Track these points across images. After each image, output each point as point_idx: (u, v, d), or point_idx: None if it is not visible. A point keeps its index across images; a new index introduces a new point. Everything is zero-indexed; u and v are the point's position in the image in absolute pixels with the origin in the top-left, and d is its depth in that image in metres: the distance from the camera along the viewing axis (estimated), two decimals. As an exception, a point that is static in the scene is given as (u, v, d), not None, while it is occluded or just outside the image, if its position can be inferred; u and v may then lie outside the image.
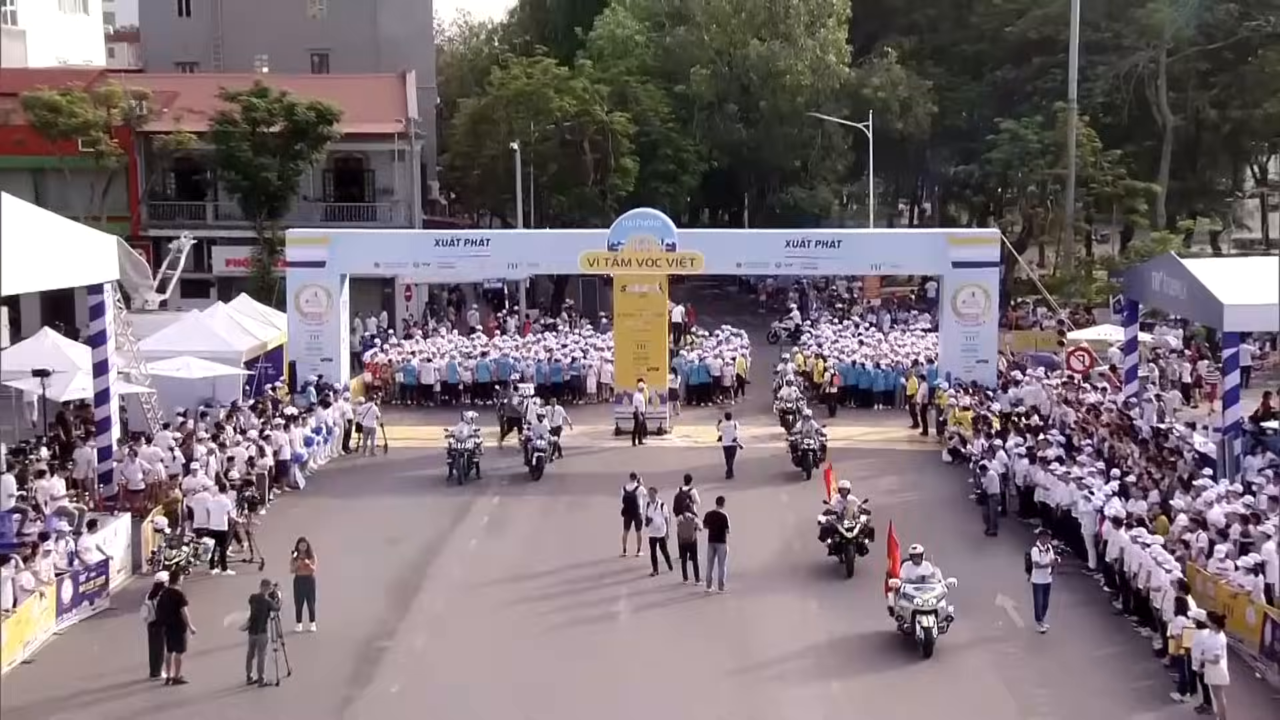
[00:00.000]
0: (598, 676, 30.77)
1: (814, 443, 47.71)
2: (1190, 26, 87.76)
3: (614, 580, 36.07)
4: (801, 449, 47.73)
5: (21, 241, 38.16)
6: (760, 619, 33.80)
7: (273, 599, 30.24)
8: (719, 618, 33.86)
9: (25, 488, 39.21)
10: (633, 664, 31.45)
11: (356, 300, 63.69)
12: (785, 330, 77.31)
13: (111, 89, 76.87)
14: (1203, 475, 40.20)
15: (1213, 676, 27.57)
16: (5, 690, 29.84)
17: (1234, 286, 43.75)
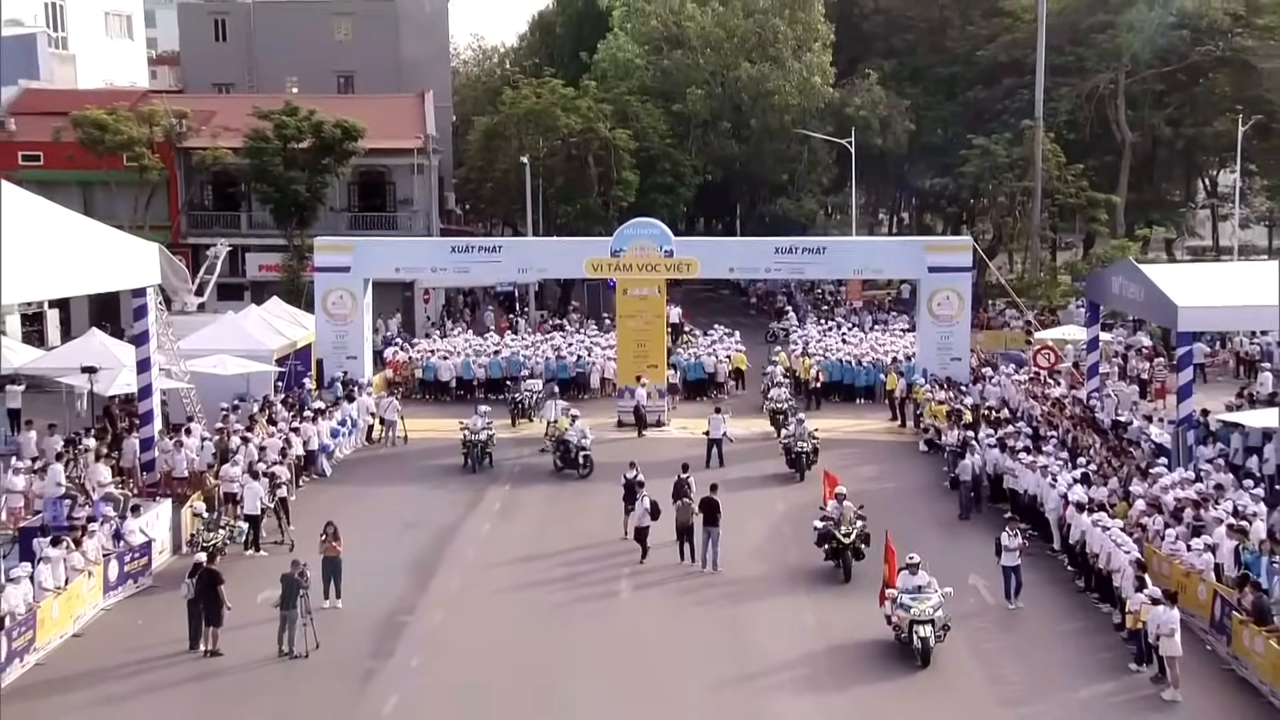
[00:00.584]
0: (601, 650, 30.79)
1: (806, 445, 45.83)
2: (1147, 51, 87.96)
3: (616, 561, 36.01)
4: (795, 451, 45.86)
5: (71, 249, 38.24)
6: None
7: (302, 578, 30.32)
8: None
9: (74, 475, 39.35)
10: (633, 639, 31.46)
11: (378, 303, 63.68)
12: (783, 330, 77.34)
13: (154, 108, 77.12)
14: (1158, 464, 40.34)
15: (1167, 648, 27.65)
16: (57, 661, 30.04)
17: (1187, 290, 43.84)
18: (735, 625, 31.85)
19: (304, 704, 27.60)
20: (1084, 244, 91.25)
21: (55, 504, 36.94)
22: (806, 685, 28.51)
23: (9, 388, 52.23)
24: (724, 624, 31.90)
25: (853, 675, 28.73)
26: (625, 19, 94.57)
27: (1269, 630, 28.22)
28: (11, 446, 47.53)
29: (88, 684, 28.81)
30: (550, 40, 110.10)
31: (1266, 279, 49.89)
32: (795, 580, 35.12)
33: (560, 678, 29.00)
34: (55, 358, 52.64)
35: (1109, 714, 27.07)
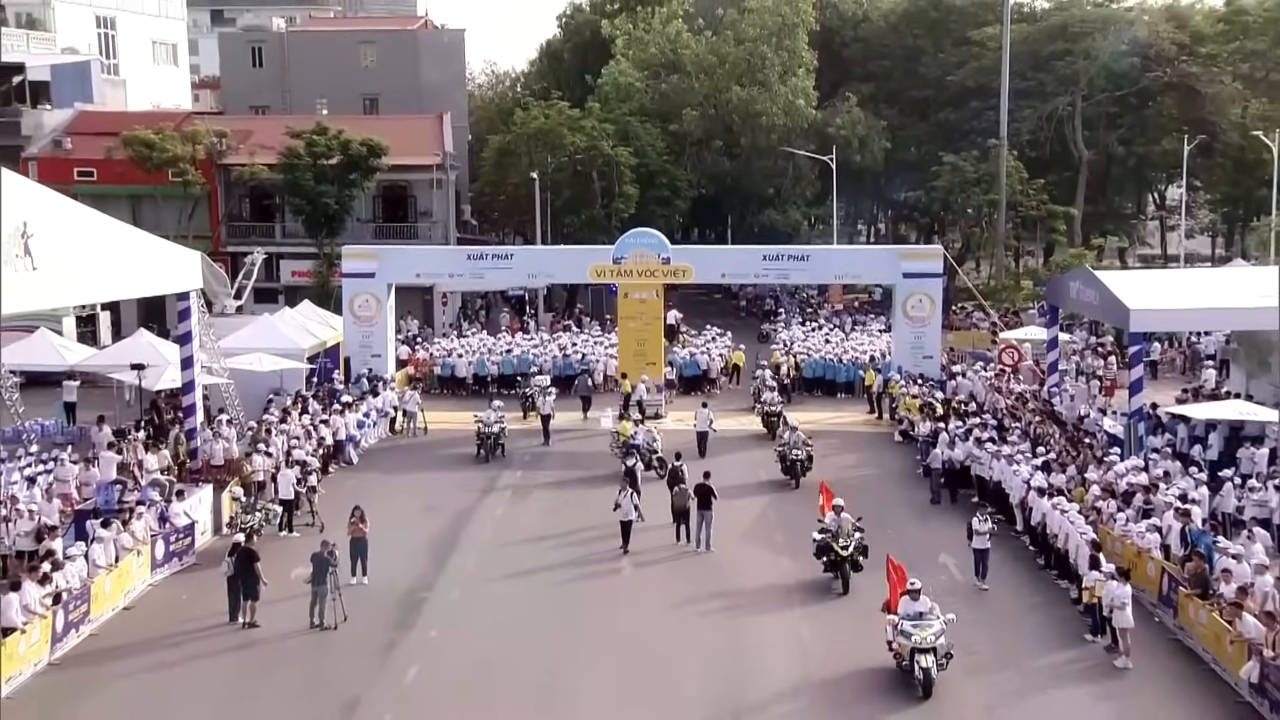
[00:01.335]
0: (604, 622, 30.89)
1: (801, 453, 43.06)
2: (1101, 77, 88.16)
3: (618, 542, 35.88)
4: (790, 459, 43.05)
5: (122, 257, 38.27)
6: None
7: (331, 556, 30.40)
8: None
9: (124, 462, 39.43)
10: (634, 611, 31.55)
11: (401, 305, 63.71)
12: (773, 330, 77.38)
13: (196, 128, 77.19)
14: (1112, 453, 40.41)
15: (1119, 620, 27.74)
16: (109, 631, 30.12)
17: (1139, 294, 43.98)
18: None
19: (332, 671, 27.62)
20: (1044, 252, 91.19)
21: (107, 489, 37.06)
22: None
23: (65, 383, 52.34)
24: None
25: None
26: (626, 47, 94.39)
27: (1208, 600, 28.35)
28: (69, 435, 47.70)
29: (137, 652, 28.90)
30: (557, 66, 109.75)
31: (1210, 284, 50.31)
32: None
33: (566, 650, 29.02)
34: (107, 356, 52.71)
35: (1066, 681, 27.09)
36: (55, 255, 33.63)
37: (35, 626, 27.78)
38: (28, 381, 50.55)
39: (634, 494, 36.44)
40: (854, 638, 28.77)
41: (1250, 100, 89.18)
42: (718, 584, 33.51)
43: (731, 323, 77.20)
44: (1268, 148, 74.19)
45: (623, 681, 27.12)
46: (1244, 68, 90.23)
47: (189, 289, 42.19)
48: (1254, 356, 50.83)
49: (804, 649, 28.75)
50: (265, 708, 25.86)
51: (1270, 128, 77.21)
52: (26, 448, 43.69)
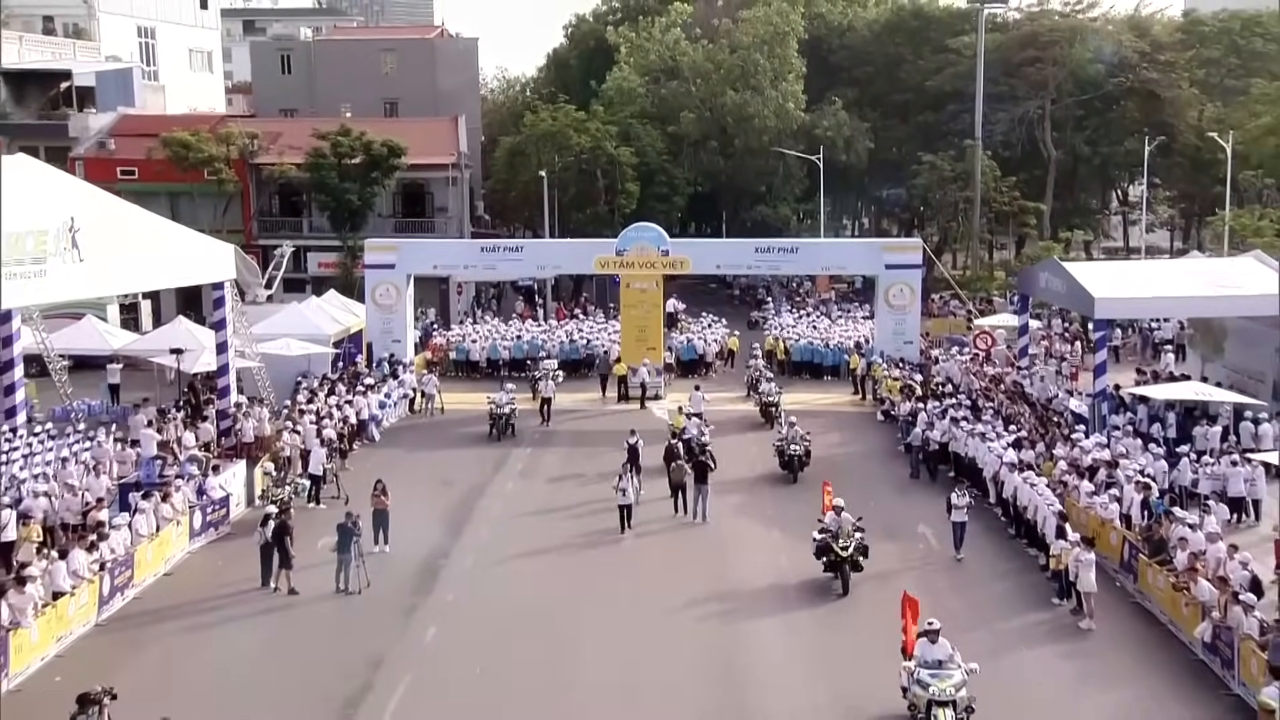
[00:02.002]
0: (607, 587, 30.98)
1: (799, 449, 40.61)
2: (1069, 82, 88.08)
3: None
4: (788, 454, 40.62)
5: (161, 249, 38.36)
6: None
7: (355, 527, 30.52)
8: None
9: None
10: (634, 578, 31.65)
11: (419, 295, 63.72)
12: (762, 318, 77.45)
13: (230, 130, 77.19)
14: (1077, 431, 40.49)
15: (1084, 585, 27.84)
16: (151, 595, 30.25)
17: (1103, 284, 44.07)
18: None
19: (357, 633, 27.71)
20: (1016, 245, 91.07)
21: (149, 464, 37.15)
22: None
23: (109, 366, 52.44)
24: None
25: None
26: (629, 54, 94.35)
27: (1163, 564, 28.46)
28: (113, 415, 47.79)
29: (177, 615, 29.03)
30: (564, 72, 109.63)
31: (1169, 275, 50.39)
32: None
33: (572, 612, 29.15)
34: (148, 341, 52.85)
35: (1035, 641, 27.21)
36: (100, 248, 33.75)
37: (83, 591, 27.95)
38: (75, 364, 50.60)
39: (634, 477, 36.05)
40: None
41: (1206, 104, 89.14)
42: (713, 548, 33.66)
43: (726, 310, 77.20)
44: (1222, 148, 74.10)
45: (625, 641, 27.20)
46: (1200, 74, 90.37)
47: (223, 279, 42.28)
48: (1208, 342, 50.95)
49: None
50: (295, 665, 25.97)
51: (1224, 130, 77.10)
52: (74, 426, 43.81)
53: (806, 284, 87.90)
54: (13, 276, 30.27)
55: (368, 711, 23.59)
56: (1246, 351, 46.79)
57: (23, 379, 43.51)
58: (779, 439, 41.90)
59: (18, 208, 30.66)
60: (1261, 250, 52.43)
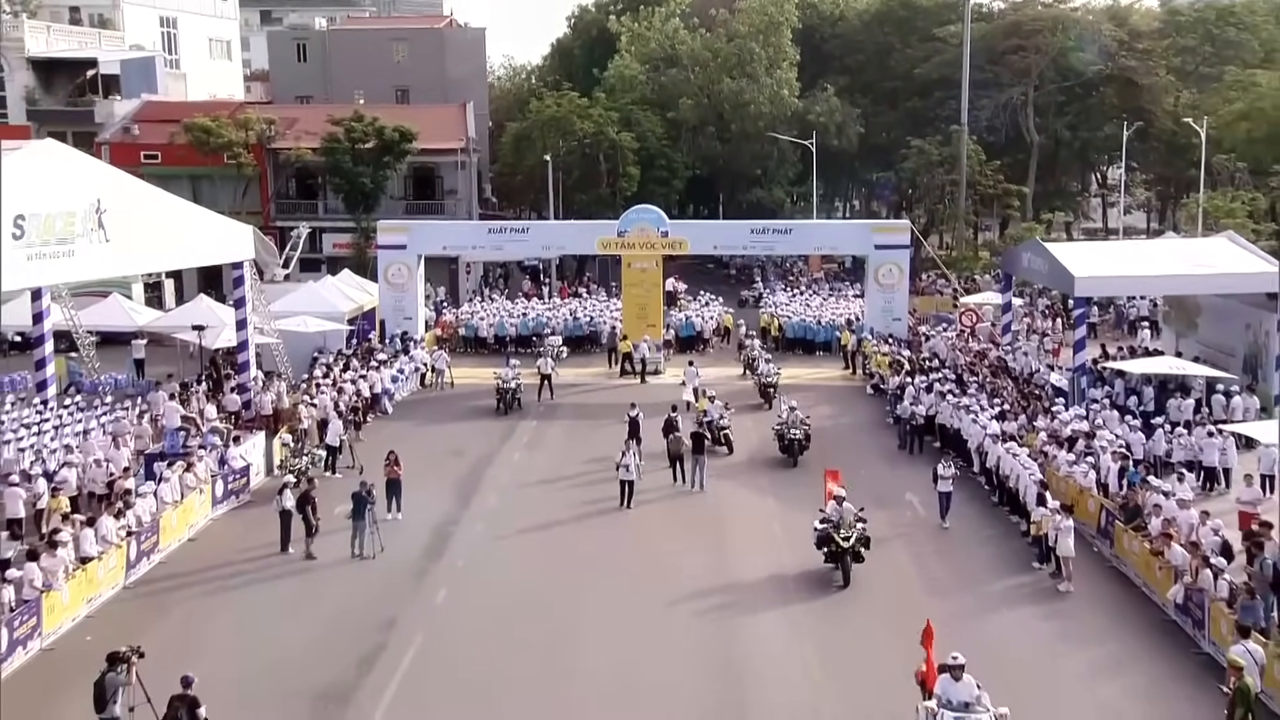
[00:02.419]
0: (609, 550, 31.09)
1: (799, 432, 38.87)
2: (1051, 70, 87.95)
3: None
4: (788, 438, 38.92)
5: (183, 230, 38.38)
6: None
7: (369, 495, 30.62)
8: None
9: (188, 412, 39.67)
10: (635, 542, 31.77)
11: (429, 274, 63.75)
12: (752, 296, 77.43)
13: (248, 116, 77.09)
14: (1057, 403, 40.59)
15: (1063, 550, 27.96)
16: (176, 559, 30.39)
17: (1083, 263, 44.13)
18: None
19: (372, 595, 27.81)
20: (1000, 226, 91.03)
21: (173, 435, 37.23)
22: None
23: (134, 341, 52.55)
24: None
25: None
26: (630, 43, 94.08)
27: (1138, 529, 28.57)
28: (139, 388, 47.91)
29: (200, 578, 29.17)
30: (568, 60, 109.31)
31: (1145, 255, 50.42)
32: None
33: (576, 575, 29.29)
34: (171, 318, 52.92)
35: (1017, 602, 27.30)
36: (125, 229, 33.76)
37: (112, 555, 28.09)
38: (102, 340, 50.75)
39: (636, 454, 35.61)
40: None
41: (1181, 91, 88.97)
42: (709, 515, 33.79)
43: (723, 289, 77.13)
44: (1196, 133, 74.03)
45: (626, 602, 27.34)
46: (1176, 62, 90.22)
47: (242, 259, 42.27)
48: (1182, 318, 51.02)
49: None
50: (313, 626, 26.06)
51: (1199, 115, 77.08)
52: (102, 399, 43.91)
53: (800, 264, 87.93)
54: (42, 256, 30.32)
55: (381, 670, 23.70)
56: (1218, 327, 46.87)
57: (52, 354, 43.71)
58: (779, 422, 40.07)
59: (47, 190, 30.73)
60: (1234, 231, 52.58)
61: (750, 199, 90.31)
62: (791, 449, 38.74)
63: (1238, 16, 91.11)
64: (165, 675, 19.73)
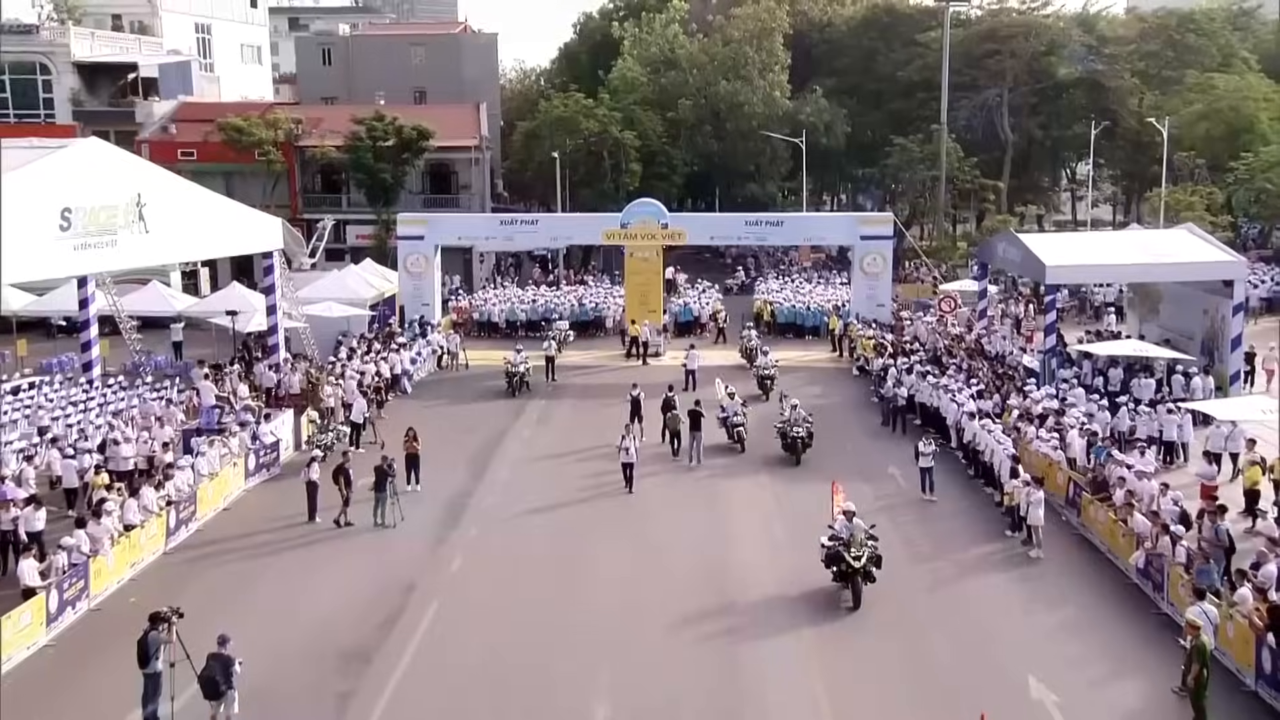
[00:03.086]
0: (614, 520, 31.19)
1: (802, 430, 36.37)
2: (1024, 73, 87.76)
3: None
4: (791, 436, 36.42)
5: (217, 222, 38.45)
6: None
7: (390, 469, 30.74)
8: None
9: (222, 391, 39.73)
10: (637, 511, 31.85)
11: (445, 263, 63.76)
12: (736, 284, 77.43)
13: (277, 116, 77.01)
14: (1029, 383, 40.65)
15: (1034, 519, 28.04)
16: (212, 527, 30.54)
17: (1053, 253, 44.19)
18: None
19: (392, 561, 27.93)
20: (976, 219, 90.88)
21: (209, 412, 37.32)
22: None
23: (173, 325, 52.72)
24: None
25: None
26: (632, 47, 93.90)
27: (1103, 500, 28.65)
28: (176, 369, 48.01)
29: (235, 544, 29.33)
30: (574, 63, 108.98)
31: (1112, 245, 50.43)
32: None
33: (583, 543, 29.39)
34: (206, 304, 53.02)
35: (991, 568, 27.38)
36: (164, 221, 33.86)
37: (153, 523, 28.23)
38: (143, 324, 50.79)
39: (637, 436, 35.47)
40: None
41: (1145, 93, 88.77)
42: (705, 491, 33.88)
43: (717, 277, 77.18)
44: (1159, 132, 73.95)
45: (629, 566, 27.46)
46: (1140, 65, 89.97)
47: (272, 249, 42.36)
48: (1146, 304, 51.02)
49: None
50: (338, 590, 26.15)
51: (1161, 115, 76.97)
52: (143, 378, 44.01)
53: (791, 254, 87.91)
54: (88, 246, 30.43)
55: (401, 631, 23.80)
56: (1179, 313, 46.90)
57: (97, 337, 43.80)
58: (781, 420, 37.27)
59: (92, 185, 30.81)
60: (1193, 223, 52.49)
61: (745, 193, 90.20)
62: (795, 447, 36.33)
63: (1197, 23, 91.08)
64: (202, 634, 19.84)
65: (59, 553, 24.60)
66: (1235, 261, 43.54)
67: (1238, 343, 42.02)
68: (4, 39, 78.85)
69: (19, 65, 79.42)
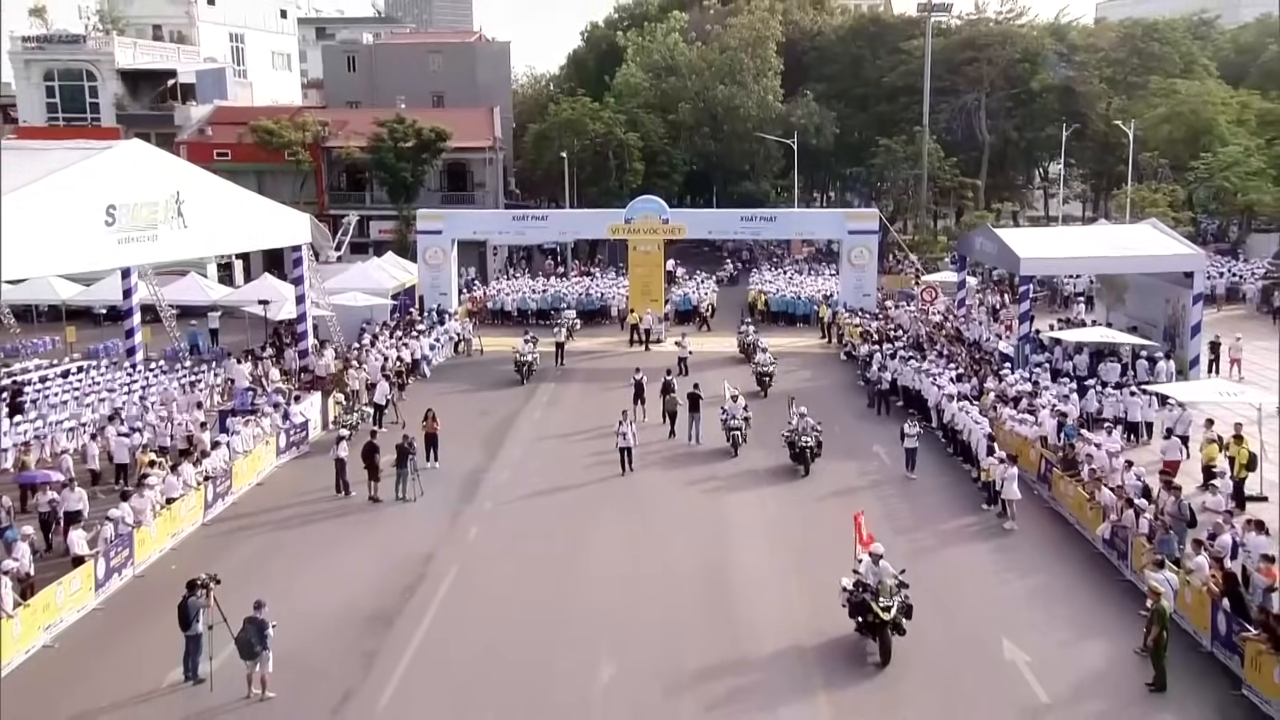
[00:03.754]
0: (619, 492, 31.26)
1: (811, 440, 32.95)
2: (1000, 78, 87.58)
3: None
4: (799, 445, 33.00)
5: (250, 218, 38.48)
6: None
7: (411, 447, 30.84)
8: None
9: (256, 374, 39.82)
10: (640, 485, 31.89)
11: (462, 256, 63.78)
12: (725, 276, 77.40)
13: (306, 119, 77.19)
14: (1004, 368, 40.66)
15: (1008, 494, 28.09)
16: (246, 501, 30.62)
17: (1027, 246, 44.15)
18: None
19: (414, 531, 28.03)
20: (956, 214, 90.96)
21: (243, 394, 37.46)
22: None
23: (210, 314, 52.80)
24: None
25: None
26: (635, 54, 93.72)
27: (1073, 476, 28.72)
28: (213, 354, 48.11)
29: (268, 516, 29.43)
30: (582, 69, 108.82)
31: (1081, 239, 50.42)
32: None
33: (590, 513, 29.44)
34: (240, 293, 53.20)
35: (968, 539, 27.43)
36: (200, 217, 33.90)
37: (192, 497, 28.35)
38: (181, 313, 50.93)
39: (635, 420, 34.78)
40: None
41: (1112, 97, 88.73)
42: (703, 470, 33.95)
43: (715, 270, 77.18)
44: (1125, 134, 73.88)
45: (630, 538, 27.54)
46: (1108, 72, 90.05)
47: (301, 243, 42.42)
48: (1112, 294, 51.03)
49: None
50: (364, 557, 26.26)
51: (1127, 118, 76.91)
52: (181, 363, 44.09)
53: (783, 247, 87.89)
54: (130, 240, 30.50)
55: (422, 596, 23.89)
56: (1143, 302, 46.90)
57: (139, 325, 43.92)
58: (789, 429, 33.54)
59: (134, 184, 30.86)
60: (1156, 219, 52.47)
61: (740, 190, 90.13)
62: (803, 457, 32.87)
63: (1161, 33, 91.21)
64: (238, 599, 19.96)
65: (105, 524, 24.74)
66: (1195, 254, 43.51)
67: (1197, 330, 42.01)
68: (54, 48, 79.22)
69: (68, 72, 79.89)
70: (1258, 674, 19.14)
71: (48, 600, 21.95)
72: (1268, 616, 19.54)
